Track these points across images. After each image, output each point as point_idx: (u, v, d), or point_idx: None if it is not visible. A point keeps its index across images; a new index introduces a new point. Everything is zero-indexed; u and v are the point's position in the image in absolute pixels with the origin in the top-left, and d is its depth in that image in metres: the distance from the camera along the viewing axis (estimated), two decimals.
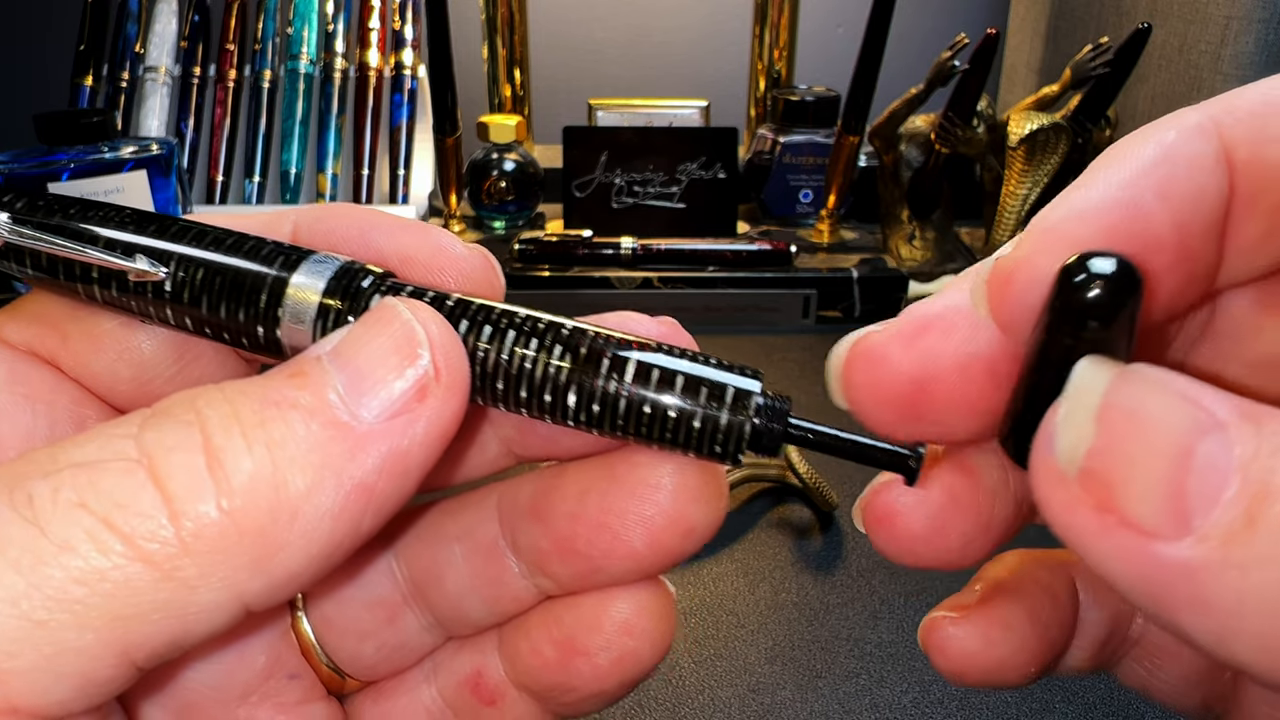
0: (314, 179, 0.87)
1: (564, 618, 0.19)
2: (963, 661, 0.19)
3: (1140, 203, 0.14)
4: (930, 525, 0.17)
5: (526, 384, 0.16)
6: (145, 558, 0.13)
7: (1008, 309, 0.15)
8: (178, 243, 0.18)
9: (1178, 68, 0.72)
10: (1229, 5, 0.67)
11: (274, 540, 0.14)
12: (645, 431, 0.17)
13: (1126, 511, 0.12)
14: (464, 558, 0.20)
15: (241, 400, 0.14)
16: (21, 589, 0.12)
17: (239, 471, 0.14)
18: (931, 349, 0.16)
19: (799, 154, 0.82)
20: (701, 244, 0.73)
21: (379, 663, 0.20)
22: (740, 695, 0.39)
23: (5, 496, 0.13)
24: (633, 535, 0.17)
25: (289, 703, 0.20)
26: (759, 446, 0.17)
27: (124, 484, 0.13)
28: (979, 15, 1.03)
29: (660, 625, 0.18)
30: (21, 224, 0.18)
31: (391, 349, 0.15)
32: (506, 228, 0.80)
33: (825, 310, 0.72)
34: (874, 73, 0.72)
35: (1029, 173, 0.65)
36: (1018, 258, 0.15)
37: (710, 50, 1.03)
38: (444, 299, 0.17)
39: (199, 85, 0.87)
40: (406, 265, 0.19)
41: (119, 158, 0.68)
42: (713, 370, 0.17)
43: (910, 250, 0.79)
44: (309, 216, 0.19)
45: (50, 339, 0.19)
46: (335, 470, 0.14)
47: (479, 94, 0.92)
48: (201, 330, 0.18)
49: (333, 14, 0.88)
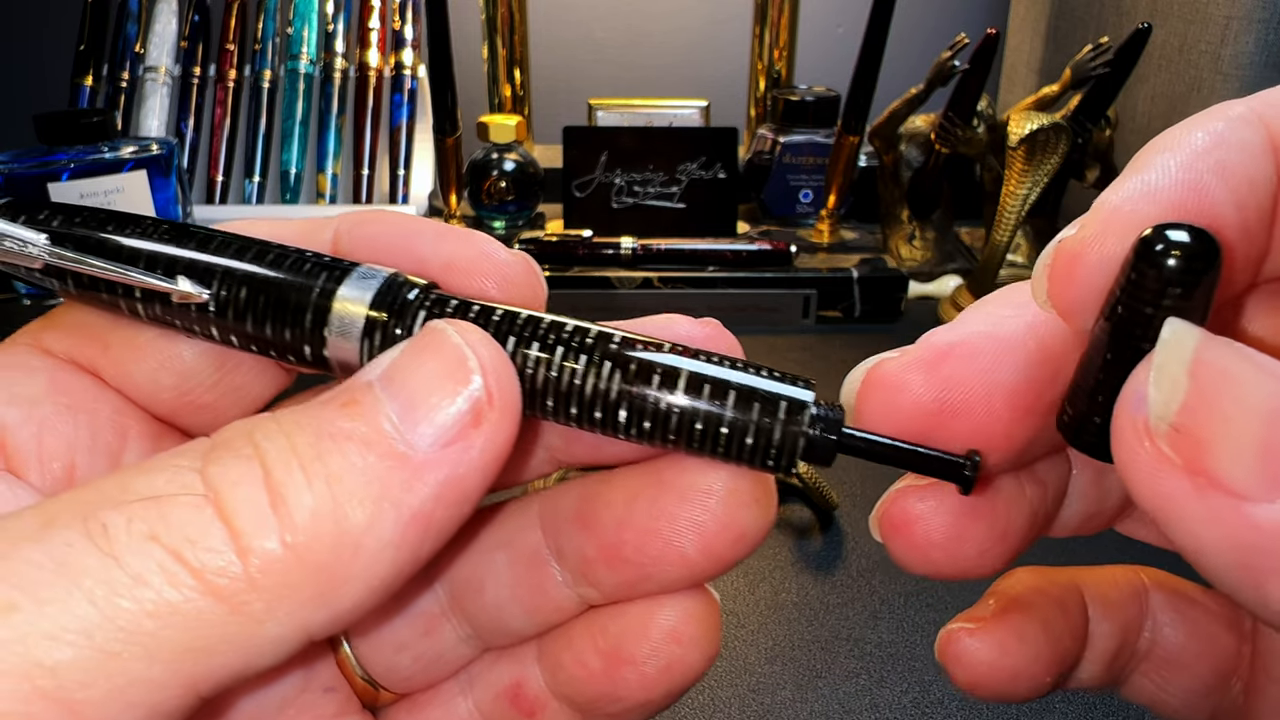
0: (314, 179, 0.87)
1: (609, 627, 0.18)
2: (979, 671, 0.19)
3: (1202, 183, 0.14)
4: (948, 533, 0.17)
5: (577, 400, 0.16)
6: (214, 592, 0.13)
7: (1076, 289, 0.15)
8: (220, 257, 0.17)
9: (1178, 68, 0.72)
10: (1229, 5, 0.67)
11: (337, 574, 0.14)
12: (698, 443, 0.16)
13: (1218, 472, 0.12)
14: (506, 567, 0.19)
15: (298, 433, 0.14)
16: (95, 620, 0.12)
17: (301, 507, 0.14)
18: (953, 377, 0.16)
19: (799, 154, 0.82)
20: (701, 244, 0.73)
21: (415, 675, 0.20)
22: (740, 695, 0.39)
23: (80, 526, 0.13)
24: (684, 541, 0.17)
25: (324, 716, 0.20)
26: (813, 457, 0.16)
27: (193, 519, 0.13)
28: (979, 15, 1.03)
29: (708, 632, 0.18)
30: (60, 244, 0.18)
31: (443, 374, 0.15)
32: (506, 228, 0.80)
33: (825, 310, 0.72)
34: (874, 73, 0.72)
35: (1029, 173, 0.65)
36: (1084, 238, 0.14)
37: (710, 50, 1.03)
38: (490, 312, 0.17)
39: (199, 85, 0.88)
40: (449, 272, 0.18)
41: (119, 158, 0.68)
42: (765, 381, 0.16)
43: (910, 250, 0.79)
44: (350, 222, 0.19)
45: (91, 348, 0.19)
46: (394, 501, 0.14)
47: (479, 94, 0.92)
48: (247, 346, 0.18)
49: (333, 14, 0.88)
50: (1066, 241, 0.15)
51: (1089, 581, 0.21)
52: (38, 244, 0.18)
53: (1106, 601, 0.20)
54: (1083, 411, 0.15)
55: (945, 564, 0.17)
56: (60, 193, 0.66)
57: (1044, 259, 0.15)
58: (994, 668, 0.19)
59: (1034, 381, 0.16)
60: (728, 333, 0.18)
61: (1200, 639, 0.20)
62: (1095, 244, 0.14)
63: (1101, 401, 0.14)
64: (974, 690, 0.19)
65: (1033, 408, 0.16)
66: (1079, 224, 0.15)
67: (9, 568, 0.12)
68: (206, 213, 0.81)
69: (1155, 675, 0.21)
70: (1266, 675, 0.19)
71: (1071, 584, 0.20)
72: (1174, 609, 0.21)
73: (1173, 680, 0.20)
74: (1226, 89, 0.68)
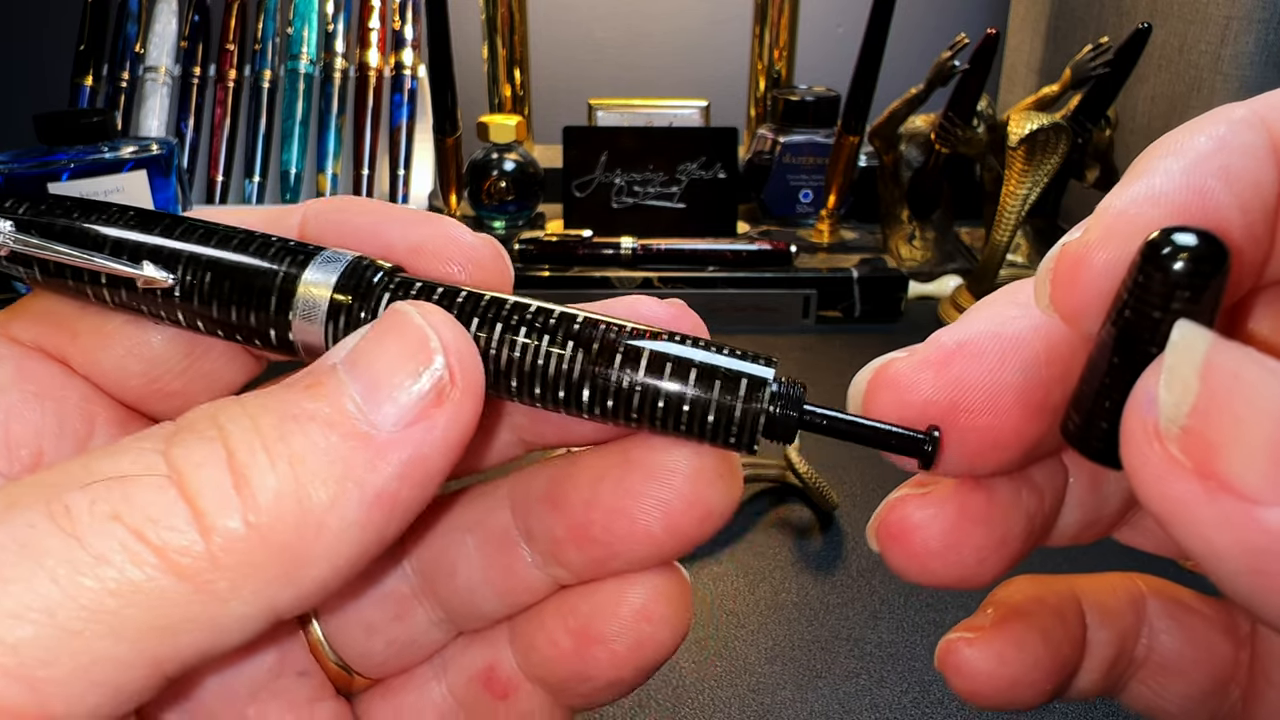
0: (314, 179, 0.87)
1: (579, 606, 0.19)
2: (979, 680, 0.19)
3: (1206, 186, 0.14)
4: (945, 542, 0.17)
5: (540, 380, 0.16)
6: (177, 571, 0.13)
7: (1079, 293, 0.14)
8: (185, 243, 0.18)
9: (1178, 68, 0.72)
10: (1229, 5, 0.67)
11: (301, 553, 0.14)
12: (660, 422, 0.16)
13: (1229, 475, 0.12)
14: (476, 548, 0.19)
15: (262, 414, 0.14)
16: (57, 599, 0.12)
17: (264, 488, 0.14)
18: (962, 377, 0.16)
19: (799, 154, 0.82)
20: (701, 244, 0.73)
21: (388, 659, 0.20)
22: (740, 695, 0.39)
23: (43, 507, 0.13)
24: (650, 519, 0.17)
25: (298, 701, 0.20)
26: (774, 434, 0.17)
27: (156, 499, 0.13)
28: (979, 15, 1.03)
29: (678, 610, 0.18)
30: (26, 231, 0.18)
31: (406, 355, 0.15)
32: (506, 228, 0.80)
33: (825, 310, 0.72)
34: (874, 73, 0.72)
35: (1029, 173, 0.65)
36: (1088, 242, 0.14)
37: (710, 50, 1.03)
38: (455, 294, 0.17)
39: (199, 85, 0.87)
40: (416, 256, 0.18)
41: (119, 158, 0.68)
42: (726, 359, 0.16)
43: (910, 250, 0.79)
44: (317, 208, 0.19)
45: (59, 336, 0.19)
46: (357, 481, 0.14)
47: (479, 94, 0.92)
48: (213, 331, 0.18)
49: (333, 14, 0.88)
50: (1070, 245, 0.15)
51: (1086, 589, 0.21)
52: (4, 231, 0.18)
53: (1104, 609, 0.20)
54: (1089, 416, 0.15)
55: (943, 573, 0.17)
56: (60, 192, 0.66)
57: (1047, 263, 0.15)
58: (993, 677, 0.19)
59: (1041, 380, 0.16)
60: (692, 313, 0.18)
61: (1197, 646, 0.20)
62: (1099, 248, 0.14)
63: (1108, 406, 0.14)
64: (974, 699, 0.19)
65: (1041, 406, 0.16)
66: (1082, 228, 0.15)
67: None
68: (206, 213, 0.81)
69: (1153, 682, 0.21)
70: (1266, 680, 0.19)
71: (1069, 592, 0.20)
72: (1170, 616, 0.21)
73: (1170, 687, 0.20)
74: (1226, 89, 0.68)
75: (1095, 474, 0.19)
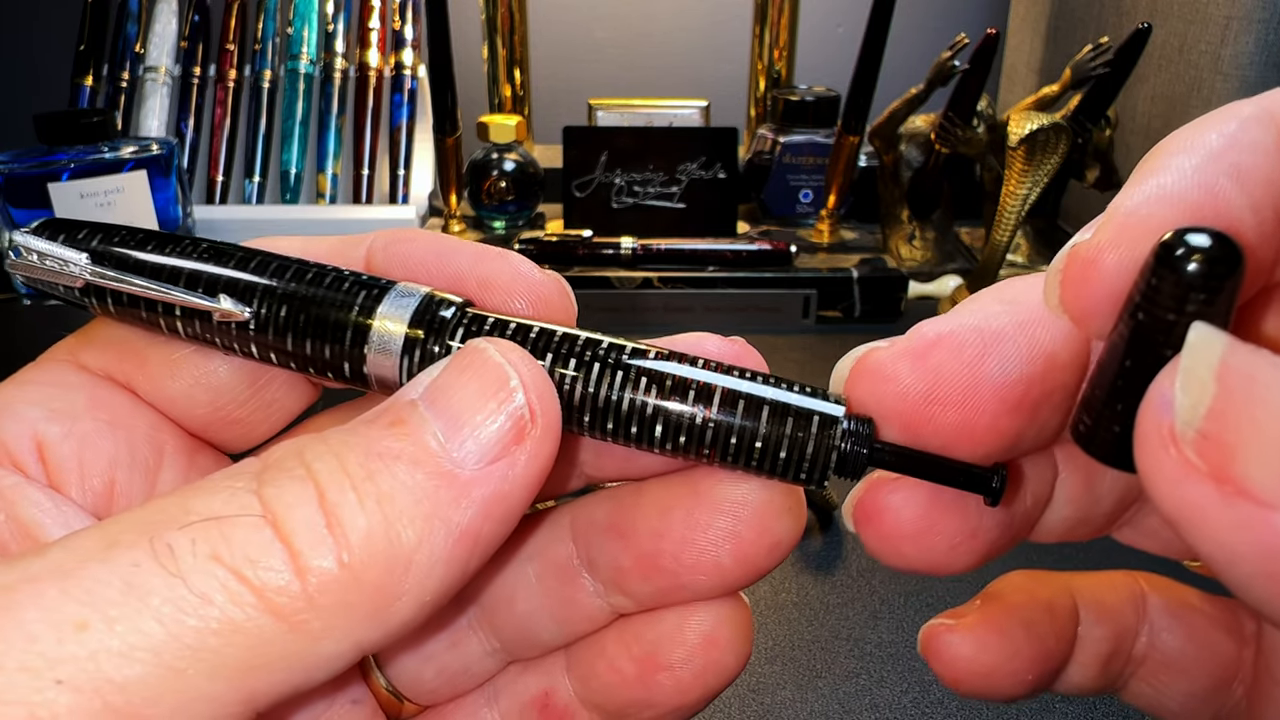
0: (314, 179, 0.87)
1: (644, 633, 0.19)
2: (958, 666, 0.19)
3: (1217, 185, 0.14)
4: (918, 526, 0.17)
5: (614, 416, 0.17)
6: (274, 610, 0.13)
7: (1090, 295, 0.14)
8: (260, 276, 0.18)
9: (1178, 68, 0.72)
10: (1229, 5, 0.67)
11: (390, 591, 0.14)
12: (732, 457, 0.17)
13: (1246, 480, 0.12)
14: (536, 578, 0.20)
15: (347, 453, 0.15)
16: (163, 638, 0.13)
17: (355, 528, 0.14)
18: (940, 368, 0.16)
19: (799, 154, 0.82)
20: (701, 244, 0.73)
21: (439, 687, 0.20)
22: (740, 695, 0.39)
23: (146, 546, 0.13)
24: (720, 550, 0.17)
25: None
26: (844, 470, 0.17)
27: (254, 539, 0.14)
28: (979, 15, 1.03)
29: (741, 635, 0.18)
30: (101, 263, 0.18)
31: (486, 392, 0.15)
32: (506, 228, 0.80)
33: (825, 310, 0.72)
34: (874, 73, 0.72)
35: (1029, 173, 0.65)
36: (1099, 243, 0.14)
37: (710, 50, 1.03)
38: (528, 330, 0.17)
39: (199, 85, 0.87)
40: (485, 290, 0.19)
41: (119, 158, 0.68)
42: (798, 396, 0.17)
43: (910, 250, 0.79)
44: (384, 240, 0.19)
45: (127, 364, 0.19)
46: (443, 519, 0.14)
47: (479, 94, 0.92)
48: (285, 363, 0.18)
49: (333, 14, 0.88)
50: (1080, 246, 0.15)
51: (1083, 586, 0.21)
52: (79, 263, 0.18)
53: (1101, 606, 0.20)
54: (1100, 419, 0.15)
55: (915, 556, 0.17)
56: (60, 193, 0.66)
57: (1056, 263, 0.15)
58: (973, 663, 0.19)
59: (1021, 377, 0.16)
60: (754, 351, 0.18)
61: (1199, 644, 0.20)
62: (1110, 249, 0.14)
63: (1121, 409, 0.14)
64: (955, 686, 0.19)
65: (1020, 403, 0.16)
66: (1092, 228, 0.15)
67: (78, 586, 0.13)
68: (207, 213, 0.81)
69: (1154, 680, 0.21)
70: (1270, 678, 0.19)
71: (1064, 587, 0.20)
72: (1172, 614, 0.21)
73: (1172, 685, 0.21)
74: (1226, 89, 0.68)
75: (1088, 472, 0.19)
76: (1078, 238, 0.15)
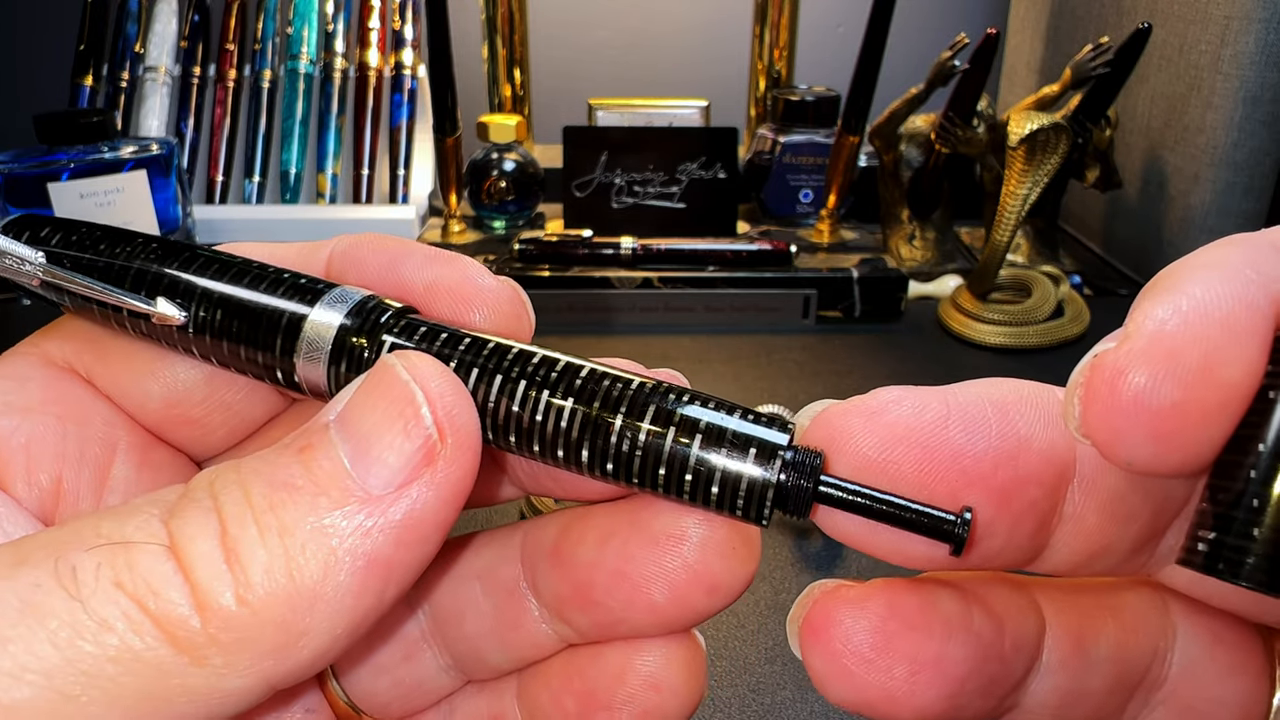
0: (314, 179, 0.87)
1: (586, 669, 0.18)
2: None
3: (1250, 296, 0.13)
4: (872, 640, 0.15)
5: (539, 437, 0.15)
6: (175, 642, 0.13)
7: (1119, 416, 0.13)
8: (201, 277, 0.17)
9: (1178, 68, 0.72)
10: (1229, 5, 0.67)
11: (295, 628, 0.13)
12: (663, 487, 0.15)
13: None
14: (484, 597, 0.19)
15: (254, 483, 0.14)
16: (56, 662, 0.12)
17: (254, 563, 0.13)
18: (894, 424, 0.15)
19: (799, 154, 0.82)
20: (701, 244, 0.73)
21: (393, 700, 0.20)
22: (740, 695, 0.39)
23: (50, 567, 0.13)
24: (652, 588, 0.16)
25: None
26: (786, 506, 0.15)
27: (157, 569, 0.13)
28: (979, 15, 1.03)
29: (689, 681, 0.17)
30: (57, 262, 0.18)
31: (392, 414, 0.14)
32: (506, 228, 0.80)
33: (825, 310, 0.72)
34: (874, 73, 0.72)
35: (1029, 173, 0.65)
36: (1131, 355, 0.12)
37: (710, 50, 1.03)
38: (458, 341, 0.16)
39: (199, 85, 0.88)
40: (432, 296, 0.18)
41: (119, 158, 0.68)
42: (737, 421, 0.15)
43: (910, 250, 0.79)
44: (344, 244, 0.19)
45: (89, 355, 0.19)
46: (349, 549, 0.14)
47: (479, 94, 0.92)
48: (227, 366, 0.18)
49: (333, 14, 0.88)
50: (1105, 356, 0.13)
51: None
52: (34, 261, 0.18)
53: None
54: (1238, 532, 0.13)
55: (868, 683, 0.15)
56: (60, 193, 0.66)
57: (1077, 377, 0.13)
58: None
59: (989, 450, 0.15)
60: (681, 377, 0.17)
61: None
62: (1139, 366, 0.12)
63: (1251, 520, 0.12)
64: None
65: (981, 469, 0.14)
66: (1114, 339, 0.13)
67: None
68: (206, 213, 0.81)
69: None
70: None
71: None
72: None
73: None
74: (1226, 89, 0.68)
75: (1082, 629, 0.17)
76: (1100, 347, 0.13)
